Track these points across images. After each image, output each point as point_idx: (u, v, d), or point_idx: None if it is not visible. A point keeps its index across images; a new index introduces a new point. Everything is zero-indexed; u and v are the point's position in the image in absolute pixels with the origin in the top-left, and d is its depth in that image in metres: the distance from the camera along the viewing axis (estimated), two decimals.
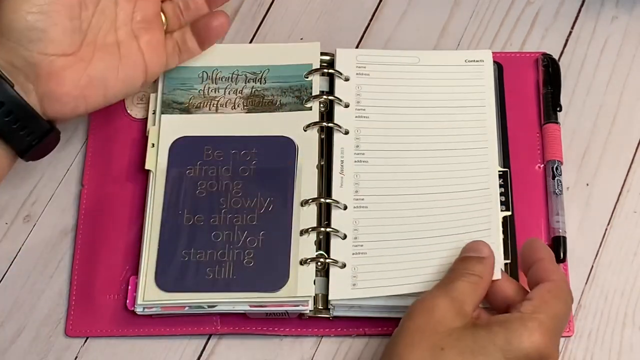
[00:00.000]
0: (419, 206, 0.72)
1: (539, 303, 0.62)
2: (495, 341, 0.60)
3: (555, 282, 0.64)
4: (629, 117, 0.78)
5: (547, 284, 0.64)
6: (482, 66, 0.77)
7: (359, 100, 0.76)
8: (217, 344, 0.72)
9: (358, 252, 0.71)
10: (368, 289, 0.70)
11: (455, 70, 0.77)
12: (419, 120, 0.75)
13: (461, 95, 0.76)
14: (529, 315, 0.62)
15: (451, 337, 0.61)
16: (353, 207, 0.73)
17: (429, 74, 0.77)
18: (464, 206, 0.71)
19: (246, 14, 0.83)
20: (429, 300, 0.64)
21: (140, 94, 0.79)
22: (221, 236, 0.72)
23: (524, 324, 0.61)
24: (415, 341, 0.62)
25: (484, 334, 0.61)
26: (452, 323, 0.62)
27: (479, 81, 0.76)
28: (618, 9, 0.81)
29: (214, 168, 0.74)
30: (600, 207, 0.75)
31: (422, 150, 0.74)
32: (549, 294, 0.63)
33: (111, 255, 0.74)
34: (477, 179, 0.73)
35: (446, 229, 0.71)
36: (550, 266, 0.65)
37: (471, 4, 0.82)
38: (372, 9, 0.83)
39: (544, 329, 0.61)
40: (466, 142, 0.74)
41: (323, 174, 0.74)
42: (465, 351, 0.60)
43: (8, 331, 0.73)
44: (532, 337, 0.60)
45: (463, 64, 0.77)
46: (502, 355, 0.60)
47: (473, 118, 0.75)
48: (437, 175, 0.73)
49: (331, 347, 0.72)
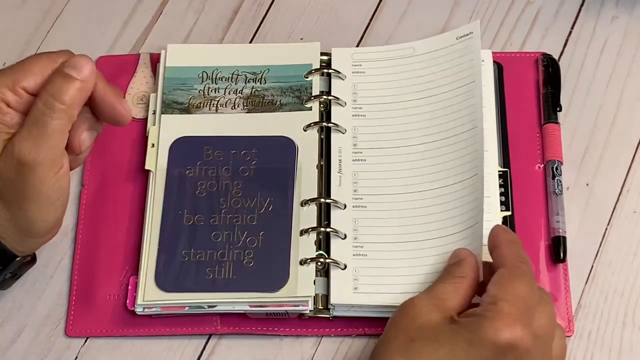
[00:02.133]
0: (418, 205, 0.72)
1: (495, 291, 0.62)
2: (460, 331, 0.61)
3: (508, 265, 0.64)
4: (629, 117, 0.78)
5: (501, 269, 0.64)
6: (472, 38, 0.75)
7: (355, 99, 0.77)
8: (217, 344, 0.72)
9: (358, 254, 0.71)
10: (370, 295, 0.70)
11: (449, 52, 0.76)
12: (416, 113, 0.75)
13: (456, 80, 0.75)
14: (487, 305, 0.61)
15: (423, 329, 0.62)
16: (352, 207, 0.73)
17: (424, 63, 0.76)
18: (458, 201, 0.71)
19: (246, 14, 0.83)
20: (409, 301, 0.65)
21: (140, 94, 0.79)
22: (221, 236, 0.72)
23: (484, 314, 0.61)
24: (391, 336, 0.63)
25: (453, 326, 0.62)
26: (427, 317, 0.63)
27: (470, 61, 0.75)
28: (618, 9, 0.81)
29: (214, 168, 0.74)
30: (600, 207, 0.75)
31: (419, 144, 0.74)
32: (505, 279, 0.63)
33: (111, 255, 0.74)
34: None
35: (444, 228, 0.71)
36: (504, 251, 0.65)
37: (471, 4, 0.82)
38: (372, 9, 0.83)
39: (504, 315, 0.60)
40: (461, 133, 0.74)
41: (323, 174, 0.74)
42: (434, 342, 0.61)
43: (8, 331, 0.73)
44: (494, 325, 0.60)
45: (455, 42, 0.76)
46: (467, 344, 0.60)
47: (466, 105, 0.73)
48: (433, 170, 0.73)
49: (331, 347, 0.72)
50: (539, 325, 0.62)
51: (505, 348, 0.60)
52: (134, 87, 0.79)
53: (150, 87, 0.79)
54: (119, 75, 0.80)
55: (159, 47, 0.80)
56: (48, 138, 0.64)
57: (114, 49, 0.82)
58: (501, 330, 0.60)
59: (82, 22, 0.83)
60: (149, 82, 0.80)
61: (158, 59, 0.79)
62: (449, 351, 0.60)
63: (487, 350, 0.60)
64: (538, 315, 0.62)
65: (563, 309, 0.71)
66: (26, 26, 0.83)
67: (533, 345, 0.60)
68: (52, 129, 0.64)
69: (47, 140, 0.64)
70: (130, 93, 0.79)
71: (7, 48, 0.82)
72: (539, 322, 0.62)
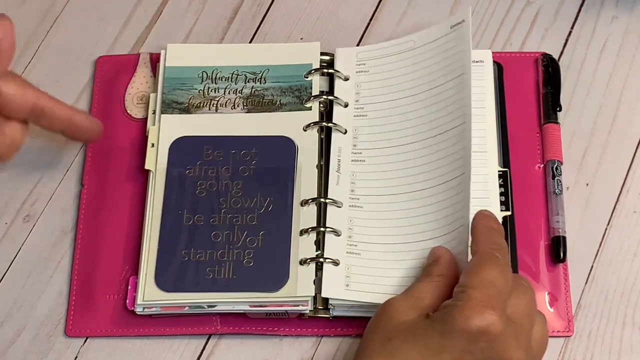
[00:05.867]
0: (409, 205, 0.72)
1: (464, 279, 0.62)
2: (434, 325, 0.61)
3: (480, 252, 0.64)
4: (629, 117, 0.78)
5: (473, 257, 0.64)
6: (462, 27, 0.75)
7: (357, 99, 0.76)
8: (217, 344, 0.72)
9: (352, 252, 0.71)
10: (360, 293, 0.70)
11: (443, 42, 0.75)
12: (413, 109, 0.74)
13: (448, 72, 0.74)
14: (457, 294, 0.61)
15: (399, 328, 0.62)
16: (348, 206, 0.73)
17: (422, 56, 0.76)
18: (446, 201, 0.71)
19: (246, 14, 0.83)
20: (387, 301, 0.65)
21: (140, 94, 0.79)
22: (221, 236, 0.72)
23: (454, 304, 0.61)
24: (369, 338, 0.63)
25: (426, 321, 0.62)
26: (404, 316, 0.63)
27: (460, 52, 0.74)
28: (618, 9, 0.81)
29: (214, 168, 0.74)
30: (600, 207, 0.75)
31: (414, 142, 0.74)
32: (474, 267, 0.62)
33: (111, 255, 0.74)
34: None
35: (435, 229, 0.70)
36: (479, 237, 0.65)
37: (471, 4, 0.82)
38: (372, 9, 0.83)
39: (473, 302, 0.60)
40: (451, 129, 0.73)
41: (323, 174, 0.74)
42: (410, 338, 0.61)
43: (8, 331, 0.73)
44: (463, 313, 0.60)
45: (449, 31, 0.76)
46: (440, 337, 0.60)
47: (455, 99, 0.73)
48: (425, 169, 0.73)
49: (331, 347, 0.72)
50: (514, 310, 0.61)
51: (477, 335, 0.59)
52: (134, 87, 0.79)
53: (150, 87, 0.79)
54: (118, 75, 0.80)
55: (159, 47, 0.80)
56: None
57: (114, 49, 0.82)
58: (471, 317, 0.59)
59: (82, 22, 0.83)
60: (148, 82, 0.80)
61: (158, 58, 0.79)
62: (423, 346, 0.60)
63: (459, 340, 0.60)
64: (514, 300, 0.62)
65: (563, 309, 0.71)
66: (26, 26, 0.83)
67: (506, 330, 0.60)
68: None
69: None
70: (130, 93, 0.79)
71: None
72: (515, 307, 0.62)
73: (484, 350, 0.60)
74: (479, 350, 0.60)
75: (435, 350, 0.60)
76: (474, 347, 0.60)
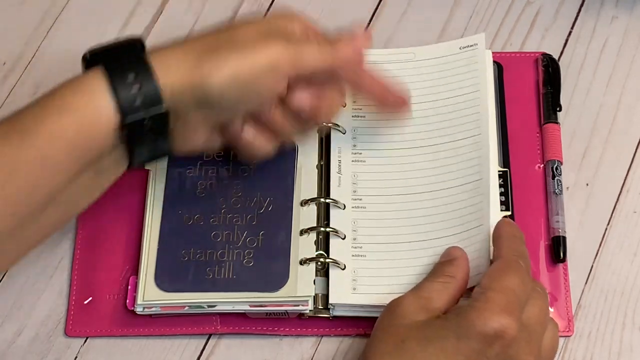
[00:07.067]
0: (417, 206, 0.72)
1: (486, 282, 0.62)
2: (449, 326, 0.61)
3: (504, 258, 0.64)
4: (629, 117, 0.78)
5: (496, 262, 0.64)
6: (476, 50, 0.76)
7: (355, 100, 0.76)
8: (217, 344, 0.72)
9: (357, 254, 0.71)
10: (368, 295, 0.70)
11: (451, 60, 0.76)
12: (415, 117, 0.75)
13: (458, 87, 0.75)
14: (476, 294, 0.62)
15: (412, 329, 0.62)
16: (351, 207, 0.73)
17: (424, 69, 0.77)
18: (460, 203, 0.71)
19: (246, 14, 0.83)
20: (395, 300, 0.65)
21: None
22: (221, 236, 0.72)
23: (472, 305, 0.61)
24: (380, 338, 0.63)
25: (440, 322, 0.62)
26: (414, 317, 0.63)
27: (474, 71, 0.75)
28: (618, 9, 0.81)
29: (214, 168, 0.74)
30: (600, 207, 0.75)
31: (419, 147, 0.74)
32: (497, 271, 0.63)
33: (111, 255, 0.74)
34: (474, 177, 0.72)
35: (444, 229, 0.71)
36: (502, 244, 0.65)
37: (471, 4, 0.82)
38: (372, 9, 0.83)
39: (493, 305, 0.60)
40: (464, 139, 0.74)
41: (323, 173, 0.74)
42: (423, 340, 0.61)
43: (8, 331, 0.73)
44: (482, 315, 0.60)
45: (458, 51, 0.76)
46: (457, 339, 0.60)
47: (471, 112, 0.74)
48: (433, 172, 0.73)
49: (331, 347, 0.72)
50: (529, 316, 0.62)
51: (493, 337, 0.60)
52: None
53: None
54: None
55: None
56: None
57: None
58: (488, 320, 0.60)
59: (82, 22, 0.83)
60: None
61: None
62: (438, 347, 0.60)
63: (475, 342, 0.60)
64: (529, 307, 0.62)
65: (563, 309, 0.71)
66: (26, 26, 0.83)
67: (520, 335, 0.60)
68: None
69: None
70: None
71: (7, 48, 0.82)
72: (529, 313, 0.62)
73: (497, 354, 0.60)
74: (494, 353, 0.60)
75: (450, 352, 0.60)
76: (489, 350, 0.60)
